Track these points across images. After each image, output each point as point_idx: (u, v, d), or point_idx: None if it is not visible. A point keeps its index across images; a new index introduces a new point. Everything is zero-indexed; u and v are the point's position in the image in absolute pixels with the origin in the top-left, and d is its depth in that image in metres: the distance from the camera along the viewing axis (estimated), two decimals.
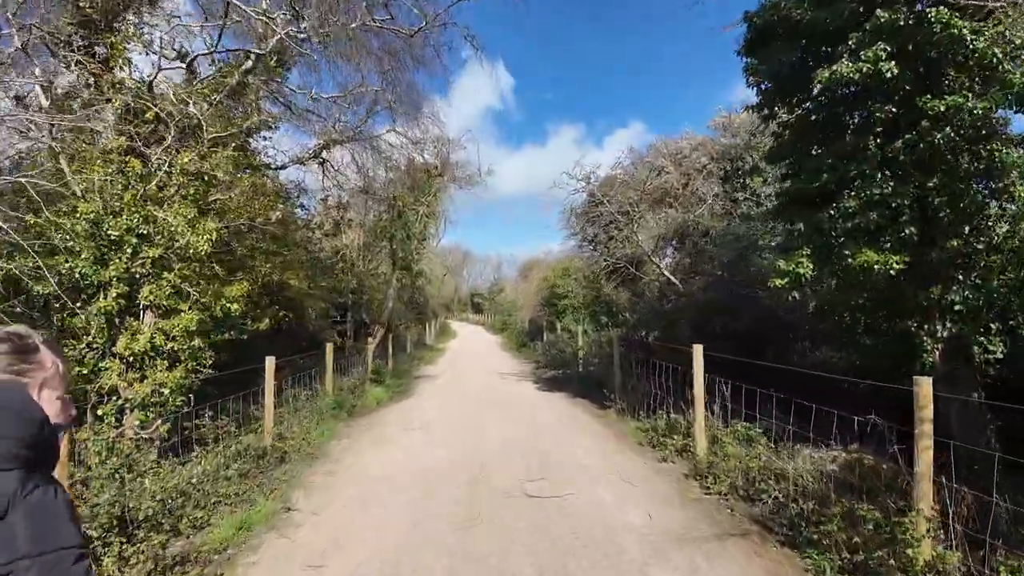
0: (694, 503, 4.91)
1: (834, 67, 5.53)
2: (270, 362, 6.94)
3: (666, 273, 12.71)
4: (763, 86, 7.11)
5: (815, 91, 6.73)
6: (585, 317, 16.37)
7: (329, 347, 9.40)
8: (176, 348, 6.55)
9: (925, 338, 6.35)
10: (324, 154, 12.76)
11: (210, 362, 6.78)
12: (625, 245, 13.66)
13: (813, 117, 6.76)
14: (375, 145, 12.83)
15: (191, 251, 6.41)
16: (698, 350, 6.21)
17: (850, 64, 5.51)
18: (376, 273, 17.42)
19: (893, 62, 5.57)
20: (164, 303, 6.51)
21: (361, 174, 13.75)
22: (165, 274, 6.52)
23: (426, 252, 19.16)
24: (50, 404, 1.09)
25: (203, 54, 7.27)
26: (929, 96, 5.66)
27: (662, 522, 4.44)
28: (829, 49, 6.22)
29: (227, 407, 7.20)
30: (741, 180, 13.94)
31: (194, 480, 5.25)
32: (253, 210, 8.59)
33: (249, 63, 8.27)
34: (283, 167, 12.03)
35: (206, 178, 7.34)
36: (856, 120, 6.48)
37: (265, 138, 11.81)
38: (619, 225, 12.61)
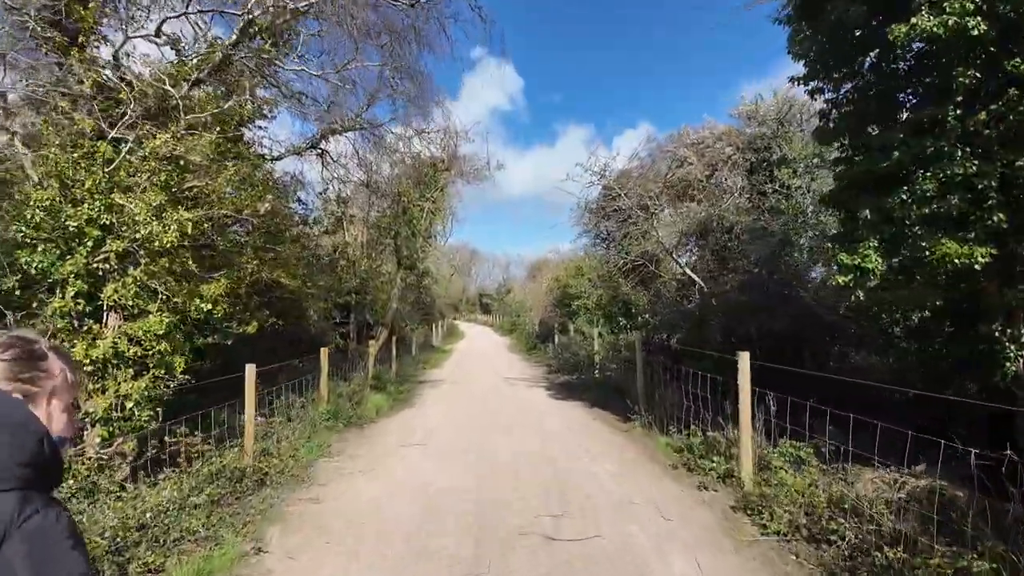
0: (750, 546, 4.03)
1: (913, 20, 4.62)
2: (250, 371, 6.14)
3: (688, 271, 11.81)
4: (811, 55, 6.20)
5: (872, 60, 5.85)
6: (599, 319, 15.47)
7: (324, 352, 8.60)
8: (143, 354, 5.77)
9: (1008, 344, 5.43)
10: (323, 145, 11.99)
11: (181, 369, 6.00)
12: (643, 241, 12.77)
13: (872, 91, 5.85)
14: (378, 135, 12.04)
15: (157, 244, 5.62)
16: (744, 358, 5.33)
17: (931, 18, 4.61)
18: (380, 272, 16.65)
19: (980, 17, 4.67)
20: (130, 303, 5.74)
21: (363, 167, 12.98)
22: (131, 270, 5.76)
23: (432, 250, 18.37)
24: (58, 416, 1.06)
25: (173, 17, 6.48)
26: (1020, 60, 4.75)
27: (715, 574, 3.57)
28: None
29: (212, 418, 6.44)
30: (768, 171, 13.01)
31: (159, 508, 4.46)
32: (239, 201, 7.82)
33: (234, 36, 7.50)
34: (279, 158, 11.27)
35: (181, 163, 6.55)
36: (927, 90, 5.56)
37: (260, 127, 11.09)
38: (637, 220, 11.73)
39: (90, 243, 5.56)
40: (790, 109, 13.14)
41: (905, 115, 5.75)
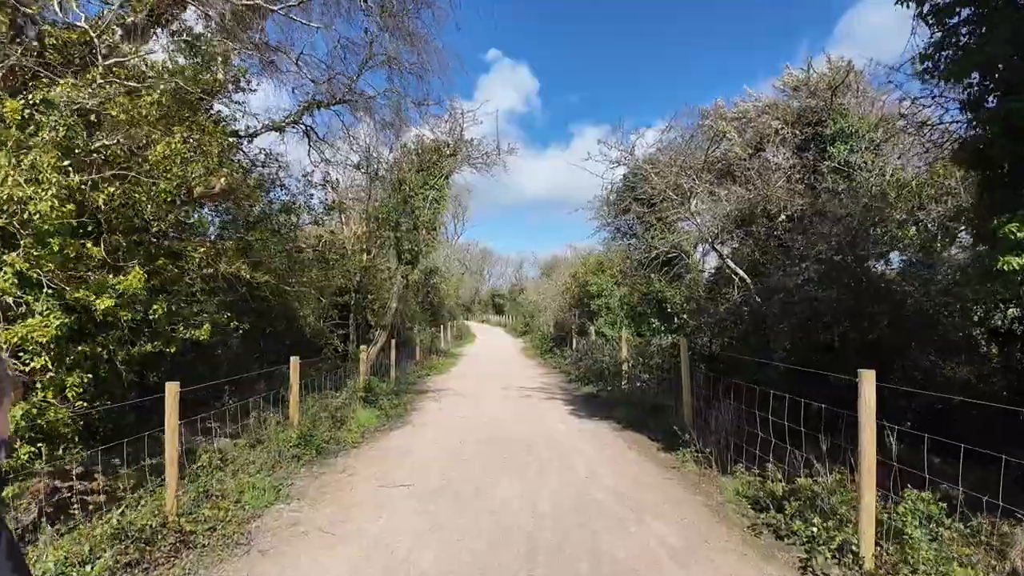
0: None
1: None
2: (171, 392, 4.57)
3: (731, 264, 10.08)
4: None
5: None
6: (623, 320, 13.78)
7: (295, 363, 7.05)
8: (20, 369, 4.25)
9: None
10: (308, 120, 10.47)
11: (78, 388, 4.48)
12: (676, 230, 11.03)
13: None
14: (370, 108, 10.48)
15: (41, 219, 4.09)
16: (868, 379, 3.63)
17: None
18: (381, 268, 15.13)
19: None
20: (8, 297, 4.23)
21: (355, 148, 11.44)
22: (7, 255, 4.24)
23: (437, 244, 16.80)
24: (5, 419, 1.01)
25: None
26: None
27: None
28: None
29: (145, 447, 4.93)
30: (821, 148, 11.23)
31: None
32: (186, 175, 6.30)
33: None
34: (255, 134, 9.75)
35: (93, 118, 5.01)
36: None
37: (238, 103, 9.61)
38: (671, 204, 10.04)
39: None
40: (847, 77, 11.34)
41: None
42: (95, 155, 4.95)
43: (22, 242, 4.19)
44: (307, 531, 4.32)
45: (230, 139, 8.47)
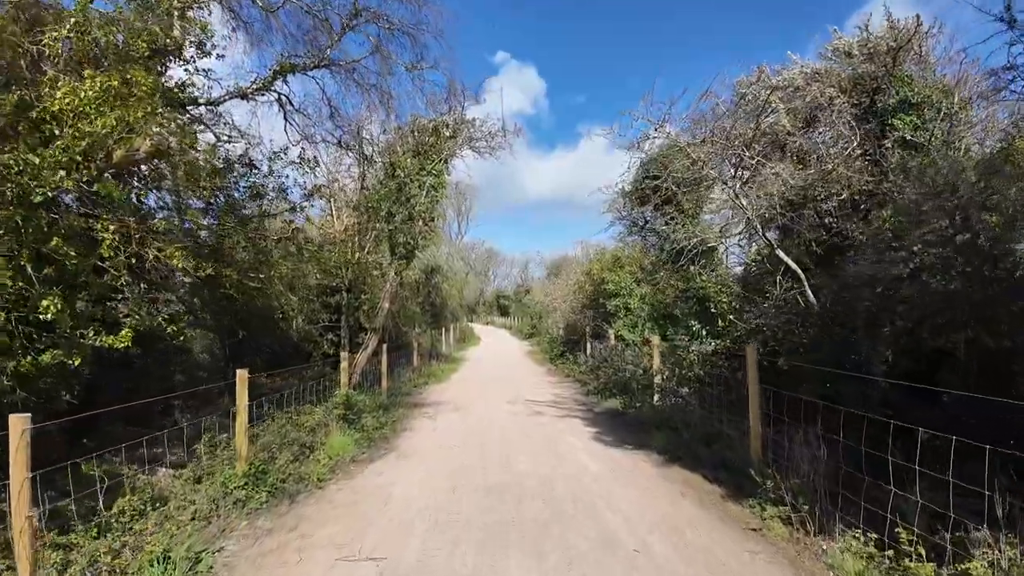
0: None
1: None
2: (15, 428, 3.02)
3: (782, 255, 8.47)
4: None
5: None
6: (645, 322, 12.15)
7: (242, 376, 5.49)
8: None
9: None
10: (281, 87, 8.92)
11: None
12: (709, 217, 9.41)
13: None
14: (355, 73, 8.93)
15: None
16: None
17: None
18: (370, 264, 13.58)
19: None
20: None
21: (340, 122, 9.91)
22: None
23: (436, 237, 15.25)
24: None
25: None
26: None
27: None
28: None
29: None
30: (884, 119, 9.60)
31: None
32: (95, 129, 4.78)
33: None
34: (216, 102, 8.22)
35: None
36: None
37: (205, 72, 8.09)
38: (719, 180, 8.44)
39: None
40: (913, 37, 9.69)
41: None
42: None
43: None
44: None
45: (172, 91, 6.93)
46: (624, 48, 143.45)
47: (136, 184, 5.96)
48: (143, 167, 5.64)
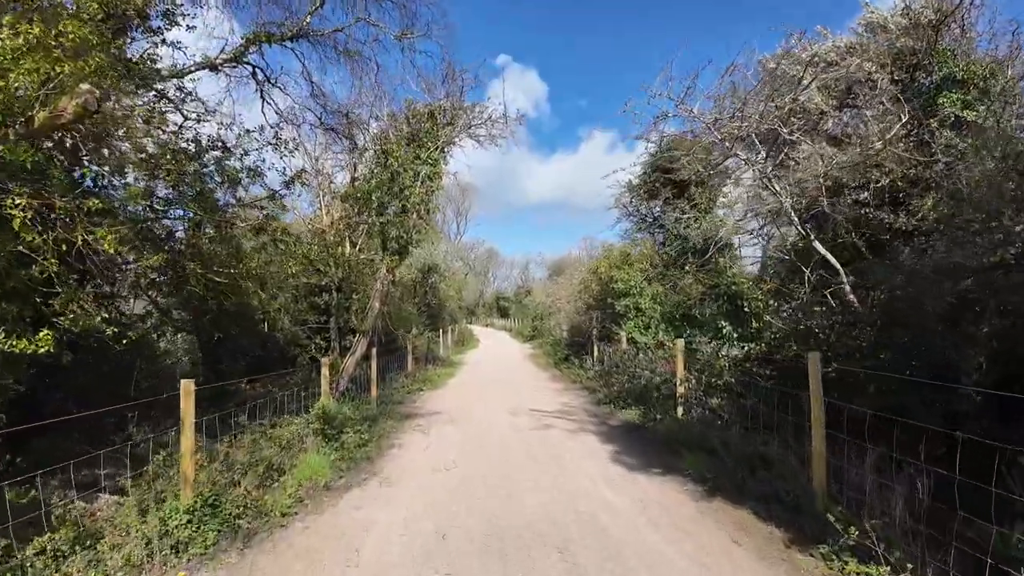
0: None
1: None
2: None
3: (821, 249, 7.53)
4: None
5: None
6: (659, 323, 11.19)
7: (186, 388, 4.52)
8: None
9: None
10: (253, 56, 7.97)
11: None
12: (732, 206, 8.46)
13: None
14: (341, 46, 7.98)
15: None
16: None
17: None
18: (366, 260, 12.63)
19: None
20: None
21: (321, 100, 8.96)
22: None
23: (432, 232, 14.30)
24: None
25: None
26: None
27: None
28: None
29: None
30: (929, 97, 8.69)
31: None
32: (7, 85, 3.85)
33: None
34: (179, 74, 7.27)
35: None
36: None
37: (176, 45, 7.19)
38: (750, 161, 7.48)
39: None
40: (958, 6, 8.78)
41: None
42: None
43: None
44: None
45: (132, 64, 5.99)
46: (624, 49, 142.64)
47: (63, 158, 4.99)
48: (73, 133, 4.68)
